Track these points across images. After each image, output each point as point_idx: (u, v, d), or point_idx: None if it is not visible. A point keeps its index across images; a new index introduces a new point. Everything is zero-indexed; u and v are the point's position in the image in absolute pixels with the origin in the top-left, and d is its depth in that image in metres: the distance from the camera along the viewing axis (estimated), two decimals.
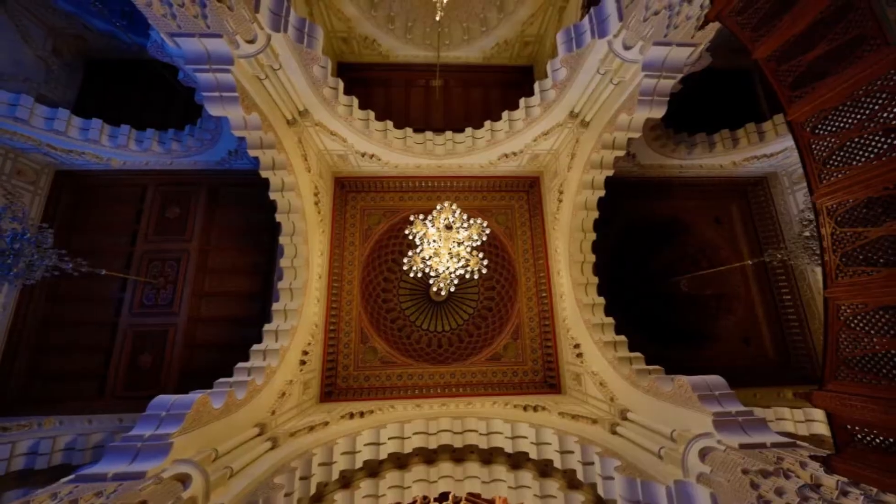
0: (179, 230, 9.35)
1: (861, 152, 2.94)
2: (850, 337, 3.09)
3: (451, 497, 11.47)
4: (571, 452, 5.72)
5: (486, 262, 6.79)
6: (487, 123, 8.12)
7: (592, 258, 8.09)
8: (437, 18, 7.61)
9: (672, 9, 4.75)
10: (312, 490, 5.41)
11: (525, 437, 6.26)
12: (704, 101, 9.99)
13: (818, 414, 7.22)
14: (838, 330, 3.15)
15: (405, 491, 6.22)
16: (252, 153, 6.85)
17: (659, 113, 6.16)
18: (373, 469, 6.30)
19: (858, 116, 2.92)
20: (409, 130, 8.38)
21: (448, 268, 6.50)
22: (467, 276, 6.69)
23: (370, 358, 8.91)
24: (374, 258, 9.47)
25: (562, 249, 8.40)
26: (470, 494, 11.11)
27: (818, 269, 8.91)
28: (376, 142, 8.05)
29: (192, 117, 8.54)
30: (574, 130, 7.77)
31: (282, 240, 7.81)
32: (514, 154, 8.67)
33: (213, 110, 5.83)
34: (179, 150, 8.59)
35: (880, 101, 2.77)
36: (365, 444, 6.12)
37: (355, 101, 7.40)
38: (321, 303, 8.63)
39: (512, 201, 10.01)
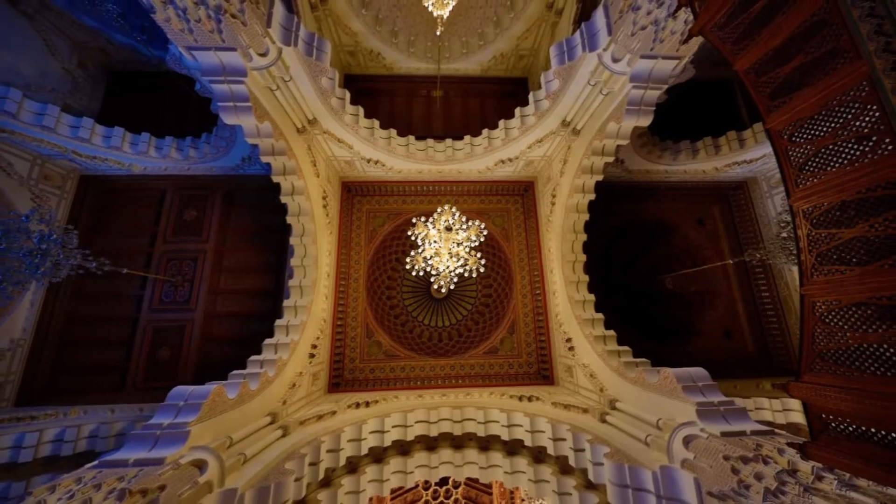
0: (196, 231, 9.35)
1: (835, 158, 2.94)
2: (825, 332, 3.09)
3: (450, 481, 11.47)
4: (564, 440, 5.71)
5: (483, 262, 6.79)
6: (485, 131, 8.12)
7: (583, 258, 8.09)
8: (438, 33, 7.61)
9: (658, 24, 4.75)
10: (321, 475, 5.41)
11: (520, 426, 6.26)
12: (688, 111, 10.01)
13: (795, 404, 7.22)
14: (814, 325, 3.15)
15: (408, 476, 6.22)
16: (264, 159, 6.86)
17: (646, 121, 6.16)
18: (378, 455, 6.30)
19: (832, 125, 2.92)
20: (411, 138, 8.38)
21: (448, 267, 6.49)
22: (466, 274, 6.69)
23: (375, 351, 8.91)
24: (378, 257, 9.47)
25: (554, 249, 8.40)
26: (469, 479, 11.11)
27: (795, 268, 8.91)
28: (381, 149, 8.05)
29: (207, 126, 8.54)
30: (566, 138, 7.77)
31: (292, 240, 7.81)
32: (510, 160, 8.67)
33: (228, 119, 5.83)
34: (196, 157, 8.60)
35: (853, 111, 2.77)
36: (370, 432, 6.12)
37: (361, 111, 7.40)
38: (329, 300, 8.62)
39: (508, 204, 10.01)
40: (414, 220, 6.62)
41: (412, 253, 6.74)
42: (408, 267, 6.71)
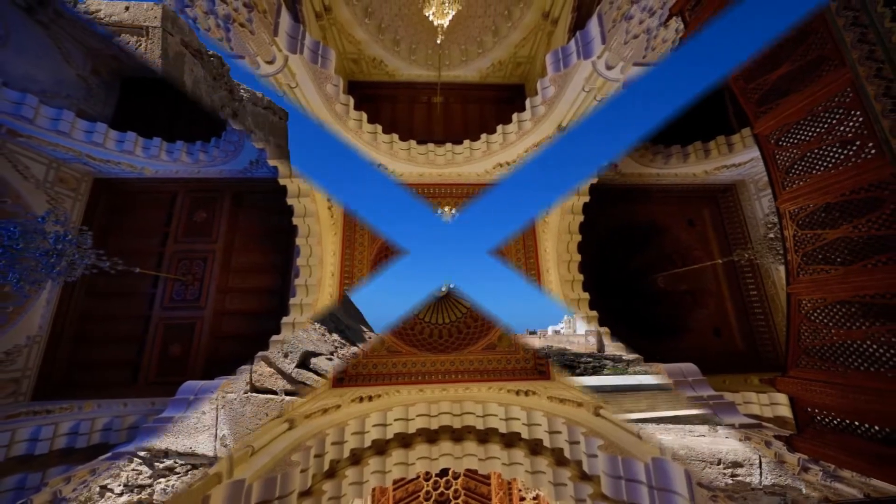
0: (206, 232, 9.35)
1: (820, 162, 2.95)
2: (810, 329, 3.09)
3: (450, 472, 11.47)
4: (559, 433, 5.72)
5: None
6: (483, 136, 8.12)
7: (578, 257, 8.09)
8: (438, 42, 7.61)
9: (650, 33, 4.75)
10: (326, 467, 5.41)
11: (517, 419, 6.26)
12: (679, 116, 9.98)
13: (782, 398, 7.21)
14: (799, 322, 3.15)
15: (409, 467, 6.23)
16: (272, 163, 6.85)
17: None
18: (380, 447, 6.30)
19: (818, 130, 2.93)
20: (412, 142, 8.38)
21: None
22: None
23: (378, 347, 8.90)
24: (381, 257, 9.46)
25: (550, 249, 8.40)
26: (468, 470, 11.12)
27: (782, 268, 8.86)
28: (383, 152, 8.05)
29: (217, 130, 8.54)
30: None
31: (298, 241, 7.81)
32: (508, 163, 8.66)
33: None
34: (206, 160, 8.60)
35: (837, 116, 2.77)
36: (373, 425, 6.13)
37: (364, 116, 7.40)
38: (333, 298, 8.62)
39: None
40: None
41: None
42: None
